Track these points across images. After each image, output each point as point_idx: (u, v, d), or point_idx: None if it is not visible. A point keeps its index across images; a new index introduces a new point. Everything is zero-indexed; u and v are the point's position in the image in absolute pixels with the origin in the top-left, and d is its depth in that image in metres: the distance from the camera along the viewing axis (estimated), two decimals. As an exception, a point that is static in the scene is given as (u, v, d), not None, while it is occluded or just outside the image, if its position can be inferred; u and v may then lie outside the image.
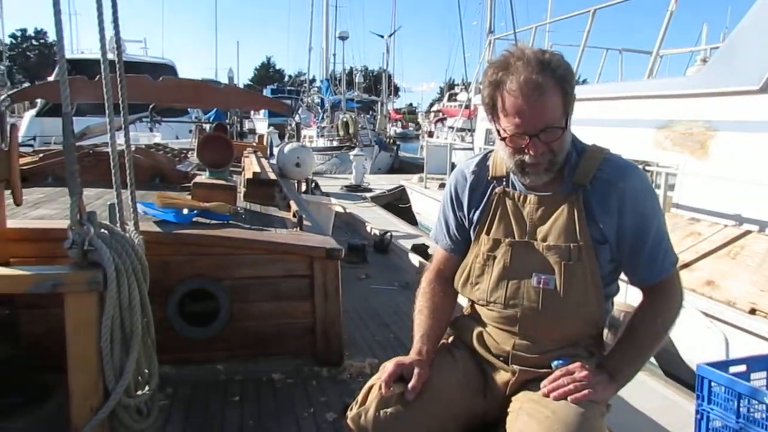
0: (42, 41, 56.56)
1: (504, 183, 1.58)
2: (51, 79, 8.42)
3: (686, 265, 4.56)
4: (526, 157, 1.43)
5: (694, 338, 4.07)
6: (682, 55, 10.22)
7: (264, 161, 6.00)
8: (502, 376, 1.56)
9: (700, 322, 4.07)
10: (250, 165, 4.75)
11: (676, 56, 10.36)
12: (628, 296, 1.63)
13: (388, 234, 6.21)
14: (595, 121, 6.82)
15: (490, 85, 1.42)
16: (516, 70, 1.37)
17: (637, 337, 1.50)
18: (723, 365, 2.37)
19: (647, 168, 5.62)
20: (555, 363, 1.47)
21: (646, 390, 3.38)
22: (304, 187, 7.24)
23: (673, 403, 3.37)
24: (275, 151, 7.60)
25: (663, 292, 1.53)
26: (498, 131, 1.46)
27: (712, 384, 2.28)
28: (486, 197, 1.60)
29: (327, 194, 10.36)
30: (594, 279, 1.47)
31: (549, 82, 1.36)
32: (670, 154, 6.07)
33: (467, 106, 17.56)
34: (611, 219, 1.46)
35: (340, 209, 8.17)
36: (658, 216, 1.51)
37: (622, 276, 1.58)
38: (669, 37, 7.35)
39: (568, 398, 1.36)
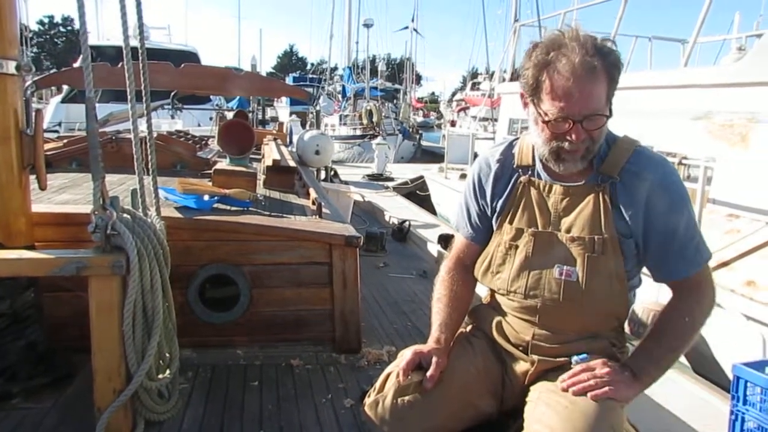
0: (69, 28, 57.12)
1: (529, 172, 1.56)
2: (76, 65, 8.53)
3: (725, 264, 4.39)
4: (565, 144, 1.39)
5: (730, 339, 3.87)
6: (710, 44, 9.92)
7: (284, 148, 6.02)
8: (521, 366, 1.56)
9: (737, 323, 3.92)
10: (270, 152, 4.76)
11: (704, 45, 10.05)
12: (660, 295, 1.58)
13: (407, 223, 6.20)
14: (625, 112, 6.60)
15: (536, 65, 1.37)
16: (570, 51, 1.32)
17: (665, 336, 1.46)
18: (760, 365, 2.31)
19: (684, 161, 5.43)
20: (575, 358, 1.45)
21: (676, 388, 3.25)
22: (323, 175, 7.24)
23: (706, 403, 3.24)
24: (295, 139, 7.61)
25: (694, 290, 1.48)
26: (539, 114, 1.41)
27: (748, 384, 2.23)
28: (510, 186, 1.58)
29: (347, 183, 10.37)
30: (618, 272, 1.45)
31: (601, 67, 1.33)
32: (706, 146, 5.73)
33: (491, 96, 17.38)
34: (638, 212, 1.43)
35: (358, 197, 8.17)
36: (689, 210, 1.47)
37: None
38: (690, 25, 7.10)
39: (588, 394, 1.34)
